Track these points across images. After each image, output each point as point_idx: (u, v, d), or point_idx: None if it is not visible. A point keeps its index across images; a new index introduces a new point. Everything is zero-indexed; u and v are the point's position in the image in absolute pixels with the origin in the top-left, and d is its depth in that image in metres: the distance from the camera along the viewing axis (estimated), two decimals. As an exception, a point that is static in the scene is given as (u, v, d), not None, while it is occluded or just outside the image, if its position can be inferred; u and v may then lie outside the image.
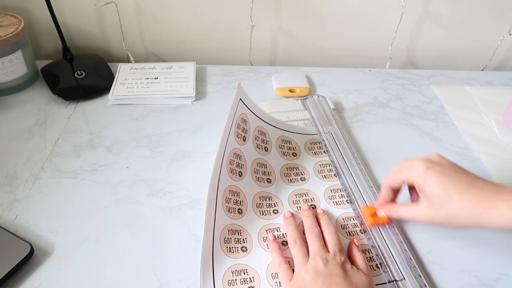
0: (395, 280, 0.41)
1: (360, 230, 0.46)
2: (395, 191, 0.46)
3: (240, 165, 0.48)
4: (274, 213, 0.48)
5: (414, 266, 0.42)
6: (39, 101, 0.65)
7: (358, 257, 0.42)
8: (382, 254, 0.43)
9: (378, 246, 0.44)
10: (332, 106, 0.64)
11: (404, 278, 0.41)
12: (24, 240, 0.43)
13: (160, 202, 0.49)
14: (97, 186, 0.51)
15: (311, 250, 0.41)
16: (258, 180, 0.50)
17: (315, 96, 0.66)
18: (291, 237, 0.43)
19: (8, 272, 0.40)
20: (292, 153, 0.56)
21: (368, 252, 0.44)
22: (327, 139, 0.58)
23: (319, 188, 0.51)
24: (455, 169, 0.41)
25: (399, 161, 0.45)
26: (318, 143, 0.58)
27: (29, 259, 0.42)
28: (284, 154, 0.55)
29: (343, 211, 0.49)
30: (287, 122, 0.58)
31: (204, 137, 0.59)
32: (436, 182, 0.40)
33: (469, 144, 0.59)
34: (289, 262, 0.42)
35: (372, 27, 0.76)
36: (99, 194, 0.50)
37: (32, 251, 0.42)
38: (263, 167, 0.52)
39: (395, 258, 0.43)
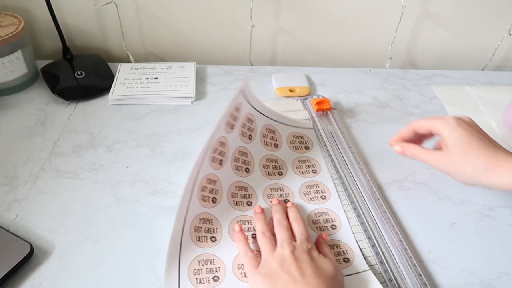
0: (396, 279, 0.41)
1: (332, 226, 0.46)
2: (415, 135, 0.50)
3: (222, 153, 0.48)
4: (248, 205, 0.48)
5: (415, 265, 0.42)
6: (39, 101, 0.65)
7: (325, 248, 0.43)
8: (383, 252, 0.43)
9: (379, 244, 0.44)
10: (332, 106, 0.64)
11: (404, 277, 0.41)
12: (24, 240, 0.43)
13: (160, 202, 0.49)
14: (97, 186, 0.51)
15: (279, 239, 0.42)
16: (236, 169, 0.50)
17: (315, 96, 0.66)
18: (260, 229, 0.44)
19: (8, 272, 0.40)
20: (274, 144, 0.55)
21: (337, 247, 0.44)
22: (327, 139, 0.58)
23: (295, 184, 0.51)
24: (481, 132, 0.46)
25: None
26: (300, 137, 0.57)
27: (29, 259, 0.42)
28: (266, 144, 0.54)
29: (316, 207, 0.48)
30: (280, 113, 0.56)
31: (204, 137, 0.58)
32: (462, 137, 0.44)
33: (469, 144, 0.58)
34: (256, 255, 0.42)
35: (372, 27, 0.76)
36: (99, 194, 0.50)
37: (32, 251, 0.42)
38: (244, 155, 0.51)
39: (396, 257, 0.43)
